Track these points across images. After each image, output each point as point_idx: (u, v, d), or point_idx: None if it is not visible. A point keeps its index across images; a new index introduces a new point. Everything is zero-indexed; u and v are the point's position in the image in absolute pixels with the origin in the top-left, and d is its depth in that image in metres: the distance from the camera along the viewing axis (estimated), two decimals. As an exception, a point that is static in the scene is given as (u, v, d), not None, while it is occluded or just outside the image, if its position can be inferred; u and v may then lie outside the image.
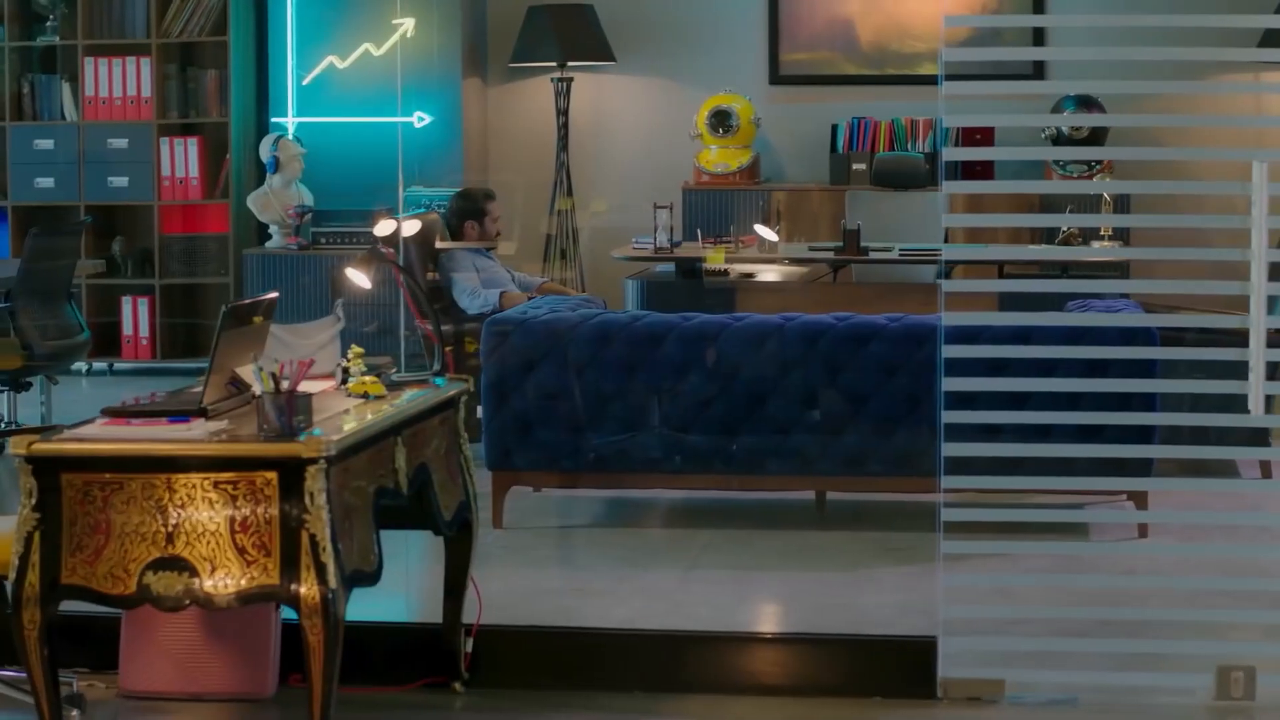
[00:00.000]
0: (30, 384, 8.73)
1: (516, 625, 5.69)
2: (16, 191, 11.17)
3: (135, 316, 11.18)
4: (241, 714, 5.37)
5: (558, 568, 7.01)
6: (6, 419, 8.79)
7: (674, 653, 5.54)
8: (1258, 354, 5.18)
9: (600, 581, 6.64)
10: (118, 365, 11.27)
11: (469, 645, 5.45)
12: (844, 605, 6.28)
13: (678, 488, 7.58)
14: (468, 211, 9.11)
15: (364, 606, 5.70)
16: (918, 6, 11.18)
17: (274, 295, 5.03)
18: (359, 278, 5.30)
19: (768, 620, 6.30)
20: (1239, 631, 5.67)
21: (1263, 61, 10.15)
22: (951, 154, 8.81)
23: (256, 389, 4.56)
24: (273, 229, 11.08)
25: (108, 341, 11.15)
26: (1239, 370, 5.24)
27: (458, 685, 5.43)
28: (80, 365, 11.06)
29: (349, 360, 5.19)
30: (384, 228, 8.43)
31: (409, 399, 5.07)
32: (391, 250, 5.46)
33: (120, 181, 11.13)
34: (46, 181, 11.15)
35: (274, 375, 4.50)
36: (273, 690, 5.39)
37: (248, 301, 4.90)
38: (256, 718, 5.36)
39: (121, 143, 11.11)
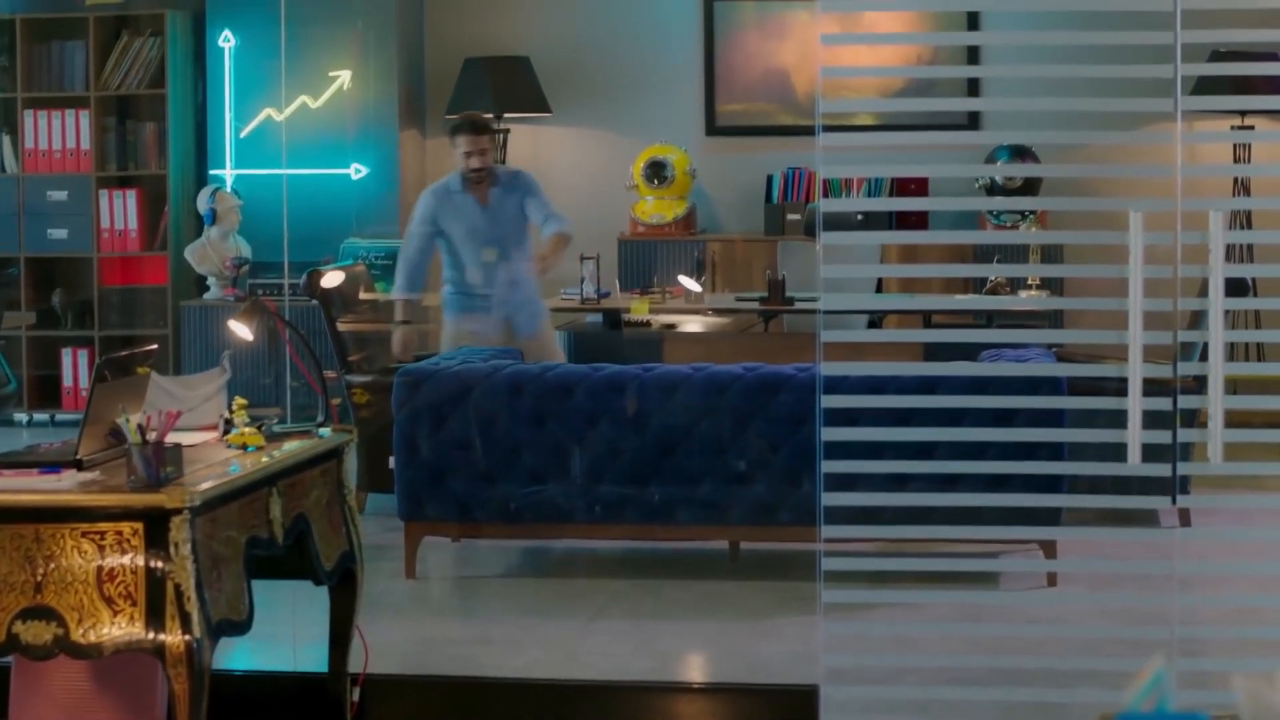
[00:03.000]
0: (-43, 435, 8.77)
1: (403, 674, 5.71)
2: (-44, 244, 11.22)
3: (75, 367, 11.19)
4: (127, 764, 5.37)
5: (463, 617, 7.02)
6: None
7: (558, 702, 5.57)
8: (1135, 402, 5.20)
9: (503, 631, 6.66)
10: (59, 416, 11.28)
11: (355, 694, 5.46)
12: (740, 654, 6.30)
13: (591, 538, 7.59)
14: None
15: (251, 656, 5.73)
16: (853, 58, 11.21)
17: (153, 347, 5.06)
18: (241, 330, 5.32)
19: (661, 670, 6.29)
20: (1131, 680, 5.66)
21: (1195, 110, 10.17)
22: (828, 205, 8.84)
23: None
24: (210, 281, 11.11)
25: (49, 392, 11.19)
26: (1164, 420, 5.25)
27: (343, 735, 5.45)
28: (21, 416, 11.10)
29: (232, 411, 5.21)
30: (315, 280, 8.48)
31: (288, 450, 5.10)
32: (273, 302, 5.50)
33: (59, 233, 11.16)
34: (-14, 233, 11.19)
35: (140, 426, 4.53)
36: (159, 739, 5.40)
37: (124, 353, 4.93)
38: (141, 768, 5.36)
39: (61, 195, 11.14)
